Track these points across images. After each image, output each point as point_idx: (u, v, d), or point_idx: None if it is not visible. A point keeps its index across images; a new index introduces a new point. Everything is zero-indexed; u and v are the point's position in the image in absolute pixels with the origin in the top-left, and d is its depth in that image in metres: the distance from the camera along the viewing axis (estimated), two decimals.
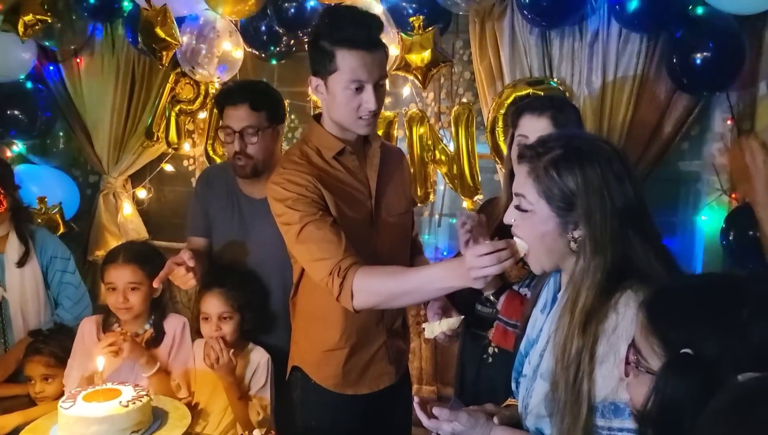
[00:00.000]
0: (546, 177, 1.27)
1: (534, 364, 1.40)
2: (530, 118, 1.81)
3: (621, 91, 2.68)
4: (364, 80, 1.75)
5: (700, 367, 0.89)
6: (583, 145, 1.30)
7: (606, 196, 1.24)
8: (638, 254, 1.24)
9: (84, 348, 2.24)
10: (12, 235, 2.47)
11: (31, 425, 1.77)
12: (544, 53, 2.79)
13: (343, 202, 1.84)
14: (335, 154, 1.86)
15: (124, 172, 3.71)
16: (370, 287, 1.67)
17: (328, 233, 1.73)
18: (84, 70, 3.62)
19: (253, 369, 2.20)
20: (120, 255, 2.24)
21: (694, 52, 2.44)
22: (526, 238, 1.34)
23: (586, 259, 1.26)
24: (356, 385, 1.98)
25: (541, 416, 1.36)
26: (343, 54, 1.73)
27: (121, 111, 3.58)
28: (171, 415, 1.78)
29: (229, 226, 2.34)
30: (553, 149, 1.28)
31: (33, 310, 2.49)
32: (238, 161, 2.24)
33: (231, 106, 2.23)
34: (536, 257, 1.35)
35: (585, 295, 1.25)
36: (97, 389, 1.74)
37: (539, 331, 1.43)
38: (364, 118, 1.79)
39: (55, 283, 2.54)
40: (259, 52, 3.23)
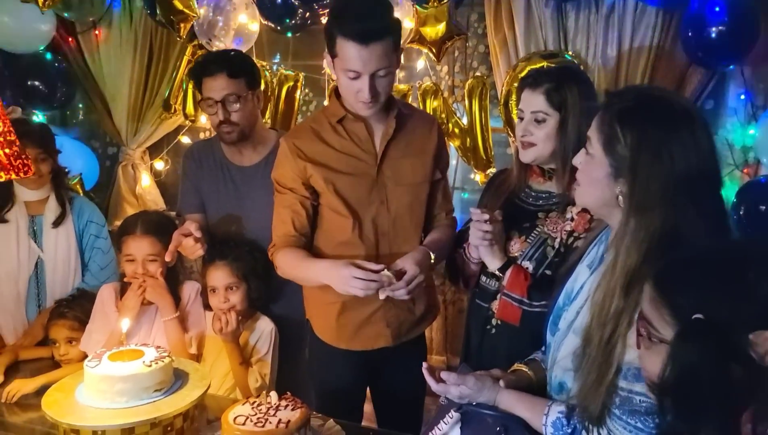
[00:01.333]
0: (609, 126, 1.28)
1: (569, 320, 1.43)
2: (527, 92, 1.84)
3: (636, 64, 2.68)
4: (358, 71, 1.80)
5: (712, 330, 0.91)
6: (657, 103, 1.29)
7: (664, 158, 1.23)
8: (687, 225, 1.22)
9: (104, 312, 2.31)
10: (51, 198, 2.55)
11: (57, 384, 1.83)
12: (559, 26, 2.80)
13: (340, 168, 1.95)
14: (337, 120, 1.95)
15: (143, 144, 3.78)
16: (283, 267, 2.01)
17: (286, 213, 2.00)
18: (102, 42, 3.67)
19: (257, 337, 2.27)
20: (137, 226, 2.30)
21: (709, 26, 2.44)
22: (583, 182, 1.36)
23: (626, 216, 1.27)
24: (350, 341, 2.06)
25: (567, 369, 1.40)
26: (342, 43, 1.79)
27: (139, 83, 3.64)
28: (191, 376, 1.84)
29: (224, 198, 2.39)
30: (626, 101, 1.29)
31: (65, 274, 2.57)
32: (225, 129, 2.29)
33: (209, 77, 2.25)
34: (583, 195, 1.38)
35: (626, 254, 1.25)
36: (121, 350, 1.80)
37: (580, 287, 1.44)
38: (362, 102, 1.85)
39: (88, 247, 2.62)
40: (274, 24, 3.25)
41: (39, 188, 2.52)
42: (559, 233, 1.82)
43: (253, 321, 2.29)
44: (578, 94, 1.79)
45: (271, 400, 1.68)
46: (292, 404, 1.66)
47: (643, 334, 1.04)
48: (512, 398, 1.47)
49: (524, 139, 1.83)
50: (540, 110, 1.79)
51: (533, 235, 1.84)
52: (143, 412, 1.65)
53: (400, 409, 2.18)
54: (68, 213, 2.57)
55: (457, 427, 1.52)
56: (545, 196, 1.89)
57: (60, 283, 2.57)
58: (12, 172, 1.43)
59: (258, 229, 2.36)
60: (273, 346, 2.28)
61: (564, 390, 1.44)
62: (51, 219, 2.54)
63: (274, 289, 2.36)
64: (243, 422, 1.58)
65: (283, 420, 1.59)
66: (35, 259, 2.54)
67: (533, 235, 1.84)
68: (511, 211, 1.87)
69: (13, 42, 3.40)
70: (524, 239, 1.84)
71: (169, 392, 1.74)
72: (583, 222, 1.76)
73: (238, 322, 2.14)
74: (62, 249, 2.56)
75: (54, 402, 1.70)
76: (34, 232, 2.54)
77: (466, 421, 1.51)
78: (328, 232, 2.03)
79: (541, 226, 1.85)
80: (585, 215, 1.75)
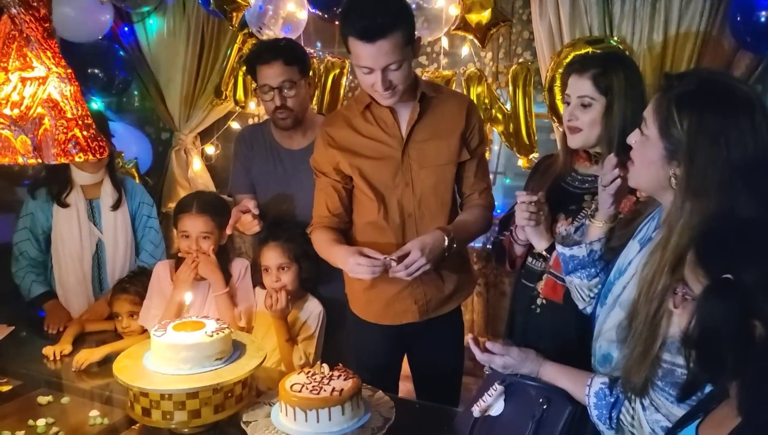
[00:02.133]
0: (666, 109, 1.30)
1: (616, 294, 1.47)
2: (574, 77, 1.86)
3: (682, 49, 2.67)
4: (369, 66, 1.87)
5: (738, 291, 0.97)
6: (717, 89, 1.29)
7: (721, 144, 1.23)
8: (742, 210, 1.23)
9: (160, 288, 2.45)
10: (106, 181, 2.70)
11: (126, 351, 1.95)
12: (605, 11, 2.80)
13: (368, 154, 2.07)
14: (364, 107, 2.05)
15: (194, 130, 3.91)
16: (315, 247, 2.15)
17: (321, 196, 2.15)
18: (157, 31, 3.81)
19: (306, 317, 2.37)
20: (194, 205, 2.42)
21: (758, 9, 2.41)
22: (636, 162, 1.38)
23: (681, 199, 1.29)
24: (379, 316, 2.18)
25: (612, 341, 1.45)
26: (351, 41, 1.87)
27: (191, 71, 3.76)
28: (248, 347, 1.95)
29: (274, 180, 2.50)
30: (686, 84, 1.30)
31: (123, 253, 2.73)
32: (280, 115, 2.40)
33: (265, 65, 2.36)
34: (636, 176, 1.40)
35: (678, 234, 1.27)
36: (185, 321, 1.92)
37: (629, 263, 1.47)
38: (380, 93, 1.92)
39: (141, 227, 2.78)
40: (321, 13, 3.33)
41: (97, 172, 2.66)
42: None
43: (303, 301, 2.39)
44: (624, 80, 1.82)
45: (325, 371, 1.77)
46: (344, 375, 1.76)
47: (678, 292, 1.09)
48: (555, 370, 1.53)
49: (570, 124, 1.87)
50: (586, 95, 1.82)
51: (579, 216, 1.88)
52: (206, 378, 1.76)
53: (437, 385, 2.26)
54: (123, 196, 2.72)
55: (501, 399, 1.58)
56: (591, 180, 1.92)
57: (119, 262, 2.73)
58: (90, 153, 1.54)
59: (305, 209, 2.46)
60: (320, 327, 2.38)
61: (608, 361, 1.49)
62: (109, 202, 2.69)
63: (324, 271, 2.46)
64: (299, 389, 1.68)
65: (336, 388, 1.68)
66: (95, 241, 2.69)
67: (579, 217, 1.88)
68: (557, 194, 1.92)
69: (73, 32, 3.55)
70: (571, 221, 1.88)
71: (229, 361, 1.85)
72: (630, 204, 1.78)
73: (287, 301, 2.25)
74: (120, 230, 2.71)
75: (124, 368, 1.83)
76: (93, 215, 2.69)
77: (510, 393, 1.57)
78: (358, 213, 2.15)
79: (587, 209, 1.88)
80: (631, 198, 1.78)
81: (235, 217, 2.31)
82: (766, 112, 1.28)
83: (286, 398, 1.69)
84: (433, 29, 3.02)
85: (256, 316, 2.43)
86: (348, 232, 2.19)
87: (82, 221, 2.67)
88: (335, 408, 1.65)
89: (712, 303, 0.99)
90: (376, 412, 1.76)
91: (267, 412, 1.78)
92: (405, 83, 1.94)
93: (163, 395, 1.74)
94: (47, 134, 1.59)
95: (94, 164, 2.58)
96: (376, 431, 1.67)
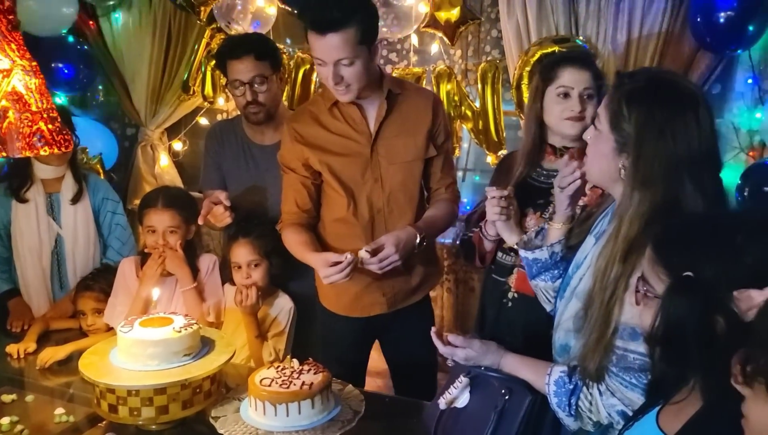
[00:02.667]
0: (617, 105, 1.36)
1: (573, 286, 1.51)
2: (573, 70, 1.91)
3: (645, 49, 2.74)
4: (321, 58, 1.89)
5: (700, 287, 1.00)
6: (664, 85, 1.37)
7: (667, 137, 1.30)
8: (687, 199, 1.29)
9: (125, 285, 2.42)
10: (68, 176, 2.65)
11: (92, 348, 1.92)
12: (571, 11, 2.85)
13: (336, 150, 2.07)
14: (330, 105, 2.06)
15: (161, 125, 3.87)
16: (286, 244, 2.14)
17: (289, 192, 2.15)
18: (122, 25, 3.75)
19: (276, 313, 2.36)
20: (159, 199, 2.39)
21: (718, 11, 2.48)
22: (590, 155, 1.45)
23: (630, 189, 1.34)
24: (349, 308, 2.20)
25: (569, 331, 1.49)
26: (308, 33, 1.88)
27: (158, 65, 3.72)
28: (217, 343, 1.94)
29: (245, 175, 2.49)
30: (636, 81, 1.37)
31: (84, 249, 2.67)
32: (252, 110, 2.39)
33: (236, 60, 2.34)
34: (590, 169, 1.47)
35: (628, 224, 1.32)
36: (152, 317, 1.90)
37: (585, 256, 1.52)
38: (337, 89, 1.93)
39: (106, 224, 2.72)
40: (291, 8, 3.32)
41: (60, 165, 2.61)
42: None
43: (273, 298, 2.38)
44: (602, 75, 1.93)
45: (294, 365, 1.78)
46: (314, 369, 1.76)
47: (640, 290, 1.12)
48: (516, 361, 1.55)
49: (579, 114, 1.90)
50: (590, 87, 1.90)
51: (548, 210, 1.93)
52: (174, 374, 1.75)
53: (413, 377, 2.28)
54: (85, 190, 2.66)
55: (467, 391, 1.60)
56: (556, 174, 1.96)
57: (80, 259, 2.68)
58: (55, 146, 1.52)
59: (277, 205, 2.45)
60: (290, 324, 2.37)
61: (566, 351, 1.52)
62: (69, 196, 2.63)
63: (294, 267, 2.46)
64: (269, 384, 1.68)
65: (306, 382, 1.69)
66: (54, 235, 2.64)
67: (548, 211, 1.93)
68: (524, 190, 1.95)
69: (37, 25, 3.46)
70: (539, 215, 1.92)
71: (197, 357, 1.84)
72: (595, 197, 1.84)
73: (258, 297, 2.24)
74: (81, 225, 2.66)
75: (90, 364, 1.81)
76: (52, 210, 2.64)
77: (475, 385, 1.59)
78: (327, 209, 2.17)
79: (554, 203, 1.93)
80: (597, 190, 1.83)
81: (207, 208, 2.29)
82: (709, 108, 1.35)
83: (255, 393, 1.68)
84: (403, 26, 3.04)
85: (226, 312, 2.42)
86: (316, 227, 2.20)
87: (40, 216, 2.62)
88: (305, 402, 1.66)
89: (676, 301, 1.01)
90: (346, 405, 1.77)
91: (236, 407, 1.78)
92: (359, 82, 1.93)
93: (130, 391, 1.72)
94: (12, 127, 1.56)
95: (58, 157, 2.53)
96: (345, 424, 1.68)
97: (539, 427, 1.52)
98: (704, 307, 0.99)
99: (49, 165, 2.59)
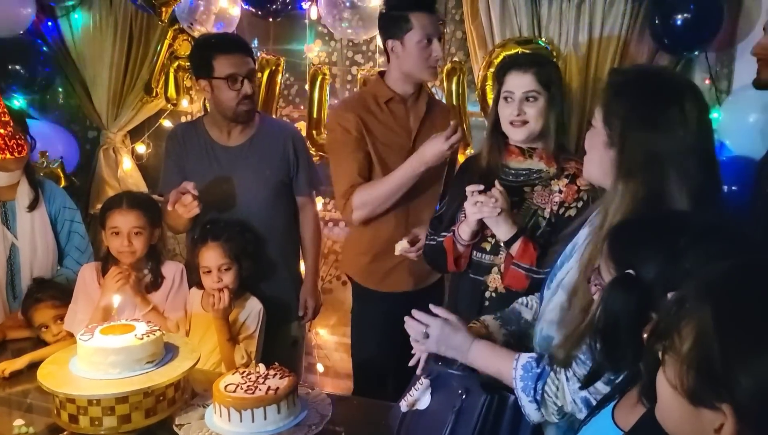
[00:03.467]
0: (608, 99, 1.41)
1: (560, 278, 1.53)
2: (515, 74, 1.95)
3: (606, 50, 2.78)
4: (432, 34, 2.26)
5: (637, 286, 1.03)
6: (651, 80, 1.42)
7: (654, 129, 1.33)
8: (672, 193, 1.31)
9: (86, 291, 2.37)
10: (23, 182, 2.53)
11: (50, 358, 1.89)
12: (533, 13, 2.88)
13: (384, 141, 2.37)
14: (385, 100, 2.37)
15: (123, 128, 3.79)
16: (365, 198, 2.32)
17: (350, 163, 2.34)
18: (82, 26, 3.67)
19: (246, 316, 2.35)
20: (123, 201, 2.36)
21: (675, 13, 2.54)
22: (587, 150, 1.48)
23: (615, 181, 1.38)
24: (379, 283, 2.50)
25: (552, 322, 1.50)
26: (416, 15, 2.24)
27: (119, 67, 3.64)
28: (181, 349, 1.92)
29: (209, 177, 2.47)
30: (625, 76, 1.43)
31: (43, 257, 2.58)
32: (244, 106, 2.41)
33: (231, 54, 2.38)
34: (587, 168, 1.50)
35: (612, 216, 1.35)
36: (113, 324, 1.87)
37: (574, 247, 1.53)
38: (432, 66, 2.31)
39: (64, 232, 2.64)
40: (255, 9, 3.29)
41: (15, 171, 2.49)
42: (549, 205, 1.95)
43: (243, 300, 2.37)
44: (557, 77, 1.99)
45: (260, 370, 1.76)
46: (280, 373, 1.75)
47: (593, 283, 1.16)
48: (485, 347, 1.54)
49: (518, 118, 1.95)
50: (532, 89, 1.93)
51: (523, 207, 1.96)
52: (136, 382, 1.73)
53: None
54: (41, 197, 2.57)
55: (428, 393, 1.60)
56: (526, 172, 2.01)
57: (38, 268, 2.58)
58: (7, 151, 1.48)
59: (243, 206, 2.44)
60: (260, 326, 2.36)
61: (548, 342, 1.53)
62: (25, 203, 2.53)
63: (263, 270, 2.44)
64: (234, 390, 1.67)
65: (272, 387, 1.67)
66: (9, 245, 2.53)
67: (524, 208, 1.96)
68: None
69: None
70: (516, 212, 1.95)
71: (160, 364, 1.82)
72: (572, 193, 1.92)
73: (230, 300, 2.22)
74: (39, 233, 2.57)
75: (49, 374, 1.77)
76: (6, 218, 2.53)
77: (436, 386, 1.60)
78: None
79: (530, 199, 1.97)
80: (572, 187, 1.90)
81: (175, 197, 2.28)
82: (698, 103, 1.36)
83: (220, 399, 1.67)
84: (368, 28, 3.04)
85: (192, 318, 2.39)
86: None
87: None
88: (270, 407, 1.65)
89: (614, 296, 1.05)
90: (313, 409, 1.77)
91: (201, 414, 1.76)
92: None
93: (91, 401, 1.69)
94: None
95: (13, 161, 2.41)
96: (312, 428, 1.68)
97: (497, 427, 1.52)
98: (638, 305, 1.02)
99: (6, 171, 2.48)
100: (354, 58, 3.37)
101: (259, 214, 2.48)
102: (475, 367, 1.55)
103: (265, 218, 2.50)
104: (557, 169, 1.99)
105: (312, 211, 2.70)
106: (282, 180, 2.55)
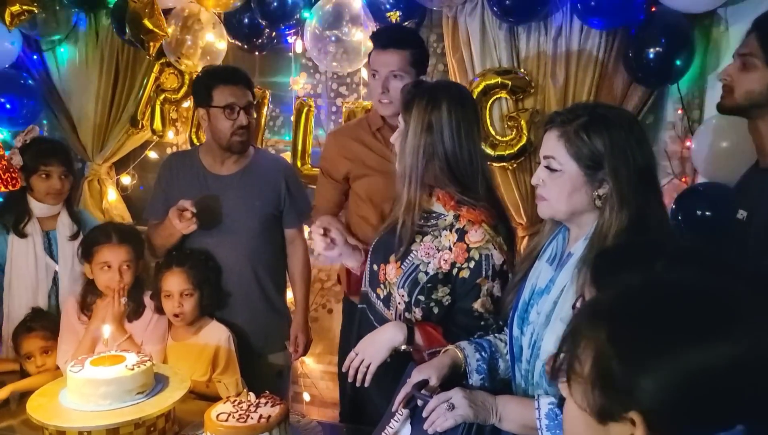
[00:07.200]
0: (577, 139, 1.43)
1: (547, 311, 1.49)
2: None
3: (582, 82, 2.87)
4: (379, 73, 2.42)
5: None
6: (607, 112, 1.48)
7: (630, 156, 1.40)
8: (653, 212, 1.38)
9: (69, 324, 2.39)
10: (63, 213, 2.65)
11: (39, 390, 1.88)
12: (512, 47, 2.97)
13: (373, 165, 2.49)
14: (376, 128, 2.52)
15: (109, 159, 3.80)
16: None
17: (325, 190, 2.60)
18: (68, 59, 3.70)
19: (215, 342, 2.36)
20: (113, 235, 2.38)
21: (648, 47, 2.64)
22: (553, 196, 1.49)
23: (612, 212, 1.41)
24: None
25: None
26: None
27: (105, 100, 3.67)
28: (172, 379, 1.93)
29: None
30: (580, 116, 1.45)
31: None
32: (240, 137, 2.47)
33: (232, 85, 2.45)
34: (552, 208, 1.51)
35: (613, 241, 1.38)
36: (103, 355, 1.88)
37: (548, 281, 1.52)
38: (382, 103, 2.41)
39: None
40: (241, 43, 3.36)
41: (56, 204, 2.61)
42: (437, 260, 1.84)
43: (206, 324, 2.41)
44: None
45: (251, 398, 1.78)
46: (271, 401, 1.77)
47: (576, 306, 1.19)
48: (511, 401, 1.52)
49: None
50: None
51: (407, 261, 1.89)
52: (127, 413, 1.74)
53: None
54: (82, 227, 2.66)
55: (408, 423, 1.60)
56: (425, 217, 1.91)
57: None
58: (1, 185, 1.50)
59: (229, 233, 2.48)
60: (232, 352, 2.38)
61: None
62: (66, 233, 2.63)
63: (222, 297, 2.49)
64: (226, 419, 1.68)
65: (263, 416, 1.69)
66: (52, 273, 2.61)
67: (407, 262, 1.89)
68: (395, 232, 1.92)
69: None
70: (399, 265, 1.90)
71: (151, 394, 1.83)
72: (462, 252, 1.81)
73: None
74: (77, 262, 2.61)
75: (39, 406, 1.77)
76: (49, 247, 2.62)
77: (416, 416, 1.58)
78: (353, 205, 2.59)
79: (415, 252, 1.88)
80: (462, 245, 1.80)
81: (175, 213, 2.34)
82: (641, 127, 1.52)
83: (212, 428, 1.68)
84: (352, 60, 3.11)
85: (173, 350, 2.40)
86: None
87: (38, 253, 2.59)
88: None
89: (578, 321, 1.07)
90: None
91: None
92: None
93: (82, 432, 1.70)
94: None
95: (56, 196, 2.57)
96: None
97: None
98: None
99: (44, 203, 2.58)
100: (339, 90, 3.44)
101: (247, 244, 2.52)
102: (503, 424, 1.51)
103: (251, 247, 2.53)
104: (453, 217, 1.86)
105: (302, 245, 2.72)
106: (272, 212, 2.59)
